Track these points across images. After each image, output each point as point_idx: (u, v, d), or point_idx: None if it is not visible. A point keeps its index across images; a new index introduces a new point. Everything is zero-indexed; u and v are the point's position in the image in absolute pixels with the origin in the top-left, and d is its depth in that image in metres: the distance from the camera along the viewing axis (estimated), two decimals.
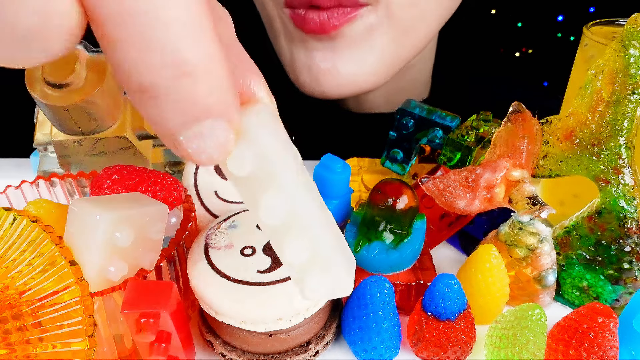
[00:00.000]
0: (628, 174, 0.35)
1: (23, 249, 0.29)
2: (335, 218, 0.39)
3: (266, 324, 0.30)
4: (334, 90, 0.50)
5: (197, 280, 0.31)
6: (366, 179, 0.48)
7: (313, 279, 0.20)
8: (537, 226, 0.35)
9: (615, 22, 0.42)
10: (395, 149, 0.45)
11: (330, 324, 0.35)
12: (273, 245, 0.20)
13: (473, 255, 0.36)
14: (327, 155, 0.39)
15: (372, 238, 0.35)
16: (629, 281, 0.36)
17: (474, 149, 0.41)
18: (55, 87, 0.35)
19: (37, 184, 0.40)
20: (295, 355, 0.33)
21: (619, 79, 0.33)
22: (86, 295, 0.29)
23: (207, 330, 0.34)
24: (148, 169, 0.37)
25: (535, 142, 0.36)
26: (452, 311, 0.32)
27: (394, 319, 0.32)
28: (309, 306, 0.31)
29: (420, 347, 0.33)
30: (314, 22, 0.46)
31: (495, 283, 0.35)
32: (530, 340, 0.30)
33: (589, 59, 0.40)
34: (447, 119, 0.43)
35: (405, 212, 0.35)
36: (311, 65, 0.50)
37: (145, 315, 0.28)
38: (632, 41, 0.33)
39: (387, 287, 0.32)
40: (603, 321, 0.30)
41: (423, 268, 0.37)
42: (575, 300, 0.38)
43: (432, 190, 0.37)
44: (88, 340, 0.29)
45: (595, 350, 0.30)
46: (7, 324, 0.28)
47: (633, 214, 0.35)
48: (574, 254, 0.37)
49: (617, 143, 0.34)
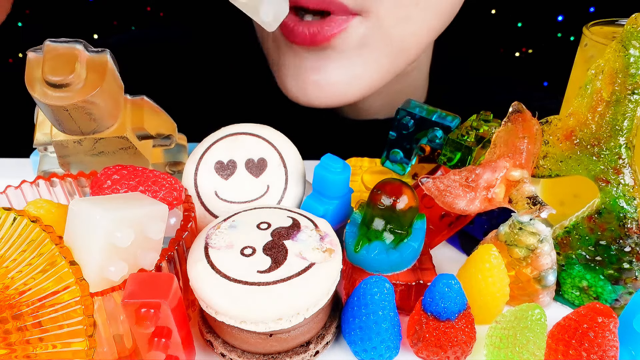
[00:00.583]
0: (628, 174, 0.35)
1: (23, 249, 0.29)
2: (335, 218, 0.39)
3: (266, 324, 0.30)
4: (321, 101, 0.49)
5: (197, 280, 0.31)
6: (366, 179, 0.48)
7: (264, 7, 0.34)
8: (537, 226, 0.35)
9: (615, 22, 0.42)
10: (395, 149, 0.45)
11: (330, 324, 0.35)
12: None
13: (473, 255, 0.36)
14: (327, 155, 0.39)
15: (372, 238, 0.35)
16: (629, 281, 0.36)
17: (474, 149, 0.41)
18: (55, 87, 0.35)
19: (37, 184, 0.40)
20: (295, 355, 0.33)
21: (619, 79, 0.33)
22: (86, 295, 0.29)
23: (207, 330, 0.34)
24: (148, 169, 0.37)
25: (535, 142, 0.36)
26: (452, 311, 0.32)
27: (394, 319, 0.32)
28: (309, 306, 0.31)
29: (420, 347, 0.33)
30: (303, 34, 0.46)
31: (495, 283, 0.35)
32: (530, 340, 0.30)
33: (589, 59, 0.40)
34: (447, 119, 0.43)
35: (405, 212, 0.35)
36: (299, 74, 0.49)
37: (146, 305, 0.28)
38: (632, 41, 0.33)
39: (387, 287, 0.32)
40: (603, 321, 0.30)
41: (423, 268, 0.37)
42: (575, 300, 0.38)
43: (432, 190, 0.37)
44: (88, 340, 0.29)
45: (595, 350, 0.30)
46: (7, 324, 0.28)
47: (633, 214, 0.35)
48: (574, 254, 0.37)
49: (617, 143, 0.34)
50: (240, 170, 0.40)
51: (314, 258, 0.32)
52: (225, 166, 0.40)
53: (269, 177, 0.39)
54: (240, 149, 0.40)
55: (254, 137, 0.41)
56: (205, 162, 0.40)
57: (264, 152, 0.40)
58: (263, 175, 0.40)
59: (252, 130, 0.41)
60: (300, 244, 0.32)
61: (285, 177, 0.40)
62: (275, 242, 0.32)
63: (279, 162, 0.40)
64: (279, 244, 0.32)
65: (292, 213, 0.35)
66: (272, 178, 0.39)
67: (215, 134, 0.41)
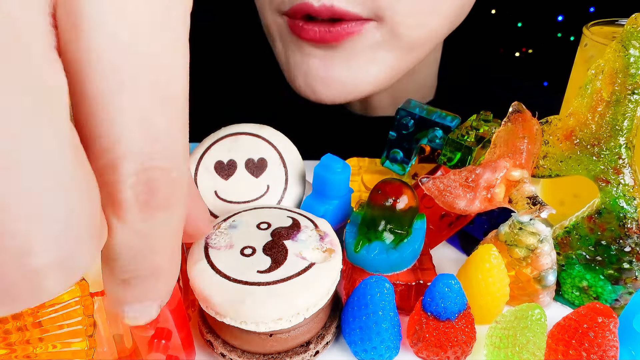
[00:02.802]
0: (628, 174, 0.35)
1: None
2: (335, 218, 0.39)
3: (266, 324, 0.30)
4: (329, 98, 0.49)
5: (197, 280, 0.31)
6: (366, 179, 0.48)
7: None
8: (537, 226, 0.35)
9: (615, 22, 0.42)
10: (395, 149, 0.45)
11: (330, 324, 0.35)
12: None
13: (473, 255, 0.36)
14: (327, 155, 0.39)
15: (372, 238, 0.35)
16: (629, 281, 0.36)
17: (474, 149, 0.41)
18: None
19: None
20: (295, 355, 0.33)
21: (619, 79, 0.33)
22: (86, 295, 0.29)
23: (207, 330, 0.34)
24: None
25: (535, 142, 0.36)
26: (452, 311, 0.32)
27: (394, 319, 0.32)
28: (309, 306, 0.31)
29: (420, 347, 0.33)
30: (313, 32, 0.45)
31: (495, 283, 0.35)
32: (530, 340, 0.30)
33: (589, 59, 0.40)
34: (447, 119, 0.43)
35: (405, 212, 0.35)
36: (307, 71, 0.49)
37: None
38: (632, 41, 0.33)
39: (387, 287, 0.32)
40: (603, 321, 0.30)
41: (423, 268, 0.37)
42: (575, 300, 0.38)
43: (432, 190, 0.37)
44: (88, 340, 0.29)
45: (595, 350, 0.30)
46: (7, 324, 0.28)
47: (633, 214, 0.35)
48: (574, 254, 0.37)
49: (617, 143, 0.34)
50: (240, 170, 0.40)
51: (314, 258, 0.32)
52: (225, 166, 0.40)
53: (269, 177, 0.39)
54: (240, 149, 0.40)
55: (254, 137, 0.41)
56: (205, 162, 0.40)
57: (264, 152, 0.40)
58: (263, 175, 0.40)
59: (252, 130, 0.41)
60: (300, 244, 0.32)
61: (285, 177, 0.40)
62: (275, 242, 0.32)
63: (279, 162, 0.40)
64: (279, 244, 0.32)
65: (292, 213, 0.35)
66: (272, 178, 0.39)
67: (215, 134, 0.41)
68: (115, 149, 0.15)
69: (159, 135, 0.16)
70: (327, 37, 0.45)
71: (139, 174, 0.16)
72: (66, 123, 0.15)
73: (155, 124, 0.16)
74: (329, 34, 0.45)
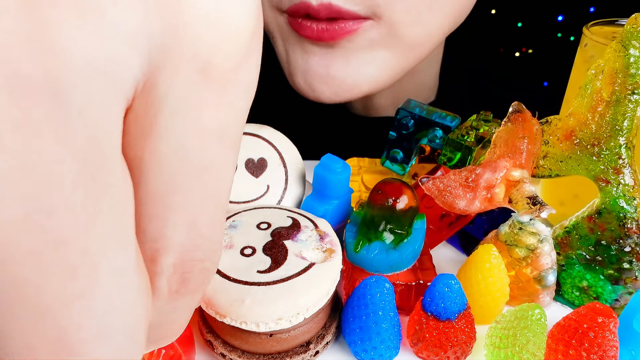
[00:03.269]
0: (628, 174, 0.35)
1: None
2: (335, 218, 0.39)
3: (266, 324, 0.30)
4: (328, 96, 0.49)
5: None
6: (366, 179, 0.48)
7: None
8: (537, 226, 0.35)
9: (615, 22, 0.42)
10: (395, 149, 0.45)
11: (330, 324, 0.35)
12: None
13: (473, 255, 0.36)
14: (327, 155, 0.39)
15: (372, 238, 0.35)
16: (629, 281, 0.36)
17: (474, 149, 0.41)
18: None
19: None
20: (295, 355, 0.33)
21: (619, 79, 0.33)
22: None
23: (207, 330, 0.34)
24: None
25: (535, 142, 0.36)
26: (452, 311, 0.32)
27: (394, 319, 0.32)
28: (309, 306, 0.31)
29: (420, 347, 0.33)
30: (311, 29, 0.46)
31: (495, 283, 0.35)
32: (530, 340, 0.30)
33: (589, 59, 0.40)
34: (447, 119, 0.43)
35: (405, 212, 0.35)
36: (307, 69, 0.49)
37: None
38: (632, 41, 0.33)
39: (387, 287, 0.32)
40: (603, 321, 0.30)
41: (423, 268, 0.37)
42: (575, 300, 0.38)
43: (432, 190, 0.37)
44: None
45: (595, 350, 0.30)
46: None
47: (633, 214, 0.35)
48: (574, 254, 0.37)
49: (617, 143, 0.34)
50: (240, 170, 0.40)
51: (314, 258, 0.32)
52: None
53: (269, 177, 0.39)
54: (240, 148, 0.40)
55: (253, 137, 0.41)
56: None
57: (263, 152, 0.40)
58: (263, 175, 0.40)
59: (252, 130, 0.41)
60: (300, 244, 0.32)
61: (285, 177, 0.40)
62: (275, 242, 0.32)
63: (279, 162, 0.40)
64: (279, 244, 0.32)
65: (292, 213, 0.35)
66: (272, 178, 0.39)
67: None
68: (158, 242, 0.15)
69: (201, 231, 0.16)
70: (324, 36, 0.45)
71: (176, 266, 0.16)
72: (134, 232, 0.14)
73: (199, 221, 0.16)
74: (326, 32, 0.45)
